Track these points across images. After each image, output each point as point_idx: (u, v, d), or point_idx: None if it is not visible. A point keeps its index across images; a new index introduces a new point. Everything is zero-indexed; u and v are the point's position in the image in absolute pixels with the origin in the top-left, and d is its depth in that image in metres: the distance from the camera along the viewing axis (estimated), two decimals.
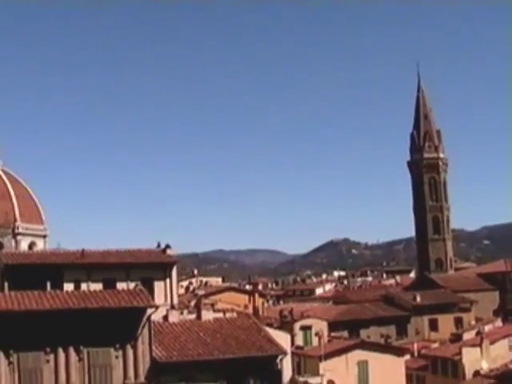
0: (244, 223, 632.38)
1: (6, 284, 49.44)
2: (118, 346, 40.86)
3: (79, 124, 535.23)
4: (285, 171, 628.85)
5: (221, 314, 48.55)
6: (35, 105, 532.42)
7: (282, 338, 47.42)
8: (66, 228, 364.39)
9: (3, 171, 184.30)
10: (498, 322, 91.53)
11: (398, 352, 69.01)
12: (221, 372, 42.72)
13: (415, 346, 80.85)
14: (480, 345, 69.41)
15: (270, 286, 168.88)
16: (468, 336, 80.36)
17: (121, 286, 50.22)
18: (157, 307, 42.54)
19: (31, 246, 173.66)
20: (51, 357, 39.95)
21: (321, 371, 60.04)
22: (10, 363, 39.36)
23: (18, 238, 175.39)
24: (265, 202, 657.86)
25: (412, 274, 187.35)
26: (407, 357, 73.93)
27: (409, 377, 69.71)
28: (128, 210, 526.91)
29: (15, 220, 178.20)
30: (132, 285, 50.36)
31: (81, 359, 40.36)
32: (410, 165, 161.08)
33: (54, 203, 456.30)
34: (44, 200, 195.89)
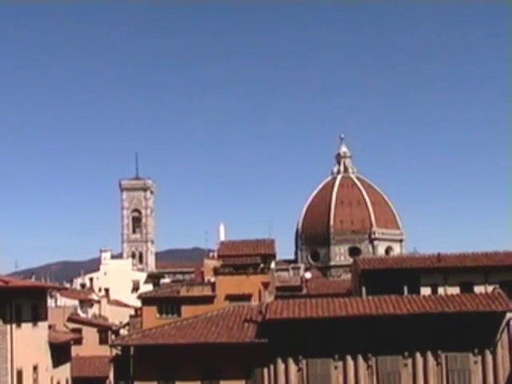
0: None
1: (363, 289, 50.45)
2: (476, 351, 39.83)
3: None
4: None
5: None
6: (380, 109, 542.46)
7: None
8: (421, 232, 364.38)
9: (358, 178, 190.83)
10: None
11: None
12: None
13: None
14: None
15: None
16: None
17: (478, 289, 48.87)
18: None
19: (388, 250, 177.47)
20: (409, 361, 40.10)
21: None
22: (368, 367, 40.24)
23: (375, 243, 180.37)
24: None
25: None
26: None
27: None
28: (480, 211, 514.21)
29: (371, 226, 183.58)
30: (490, 288, 48.84)
31: (439, 364, 39.98)
32: None
33: (409, 207, 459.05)
34: (399, 205, 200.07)
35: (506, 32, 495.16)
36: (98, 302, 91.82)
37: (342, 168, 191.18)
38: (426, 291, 49.64)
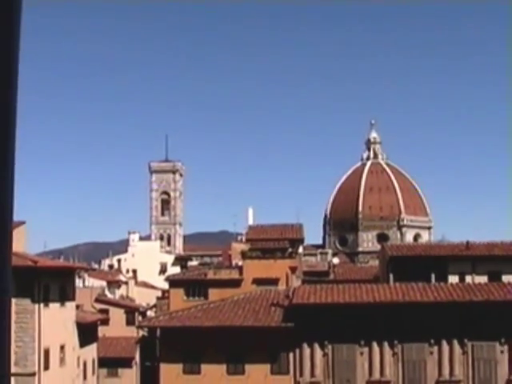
0: None
1: (390, 275, 50.29)
2: (503, 340, 39.59)
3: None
4: None
5: None
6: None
7: None
8: (450, 219, 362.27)
9: (387, 164, 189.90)
10: None
11: None
12: None
13: None
14: None
15: None
16: None
17: (507, 278, 48.43)
18: None
19: (416, 237, 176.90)
20: (435, 349, 40.00)
21: None
22: (394, 354, 40.19)
23: (403, 229, 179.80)
24: None
25: None
26: None
27: None
28: (509, 199, 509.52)
29: (400, 212, 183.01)
30: None
31: (465, 352, 39.84)
32: None
33: (438, 194, 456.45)
34: (428, 191, 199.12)
35: None
36: (126, 283, 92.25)
37: (371, 154, 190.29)
38: (453, 279, 49.41)
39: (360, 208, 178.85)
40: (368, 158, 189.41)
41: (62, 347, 47.62)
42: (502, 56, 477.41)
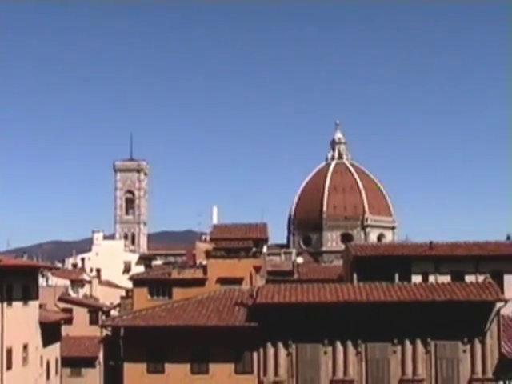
0: None
1: (354, 275, 50.55)
2: (465, 339, 39.99)
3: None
4: None
5: None
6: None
7: None
8: (414, 220, 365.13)
9: (352, 165, 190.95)
10: None
11: None
12: None
13: None
14: None
15: None
16: None
17: (469, 278, 48.96)
18: (506, 301, 40.89)
19: (380, 237, 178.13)
20: (398, 348, 40.26)
21: None
22: (357, 353, 40.40)
23: (367, 229, 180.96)
24: None
25: None
26: None
27: None
28: (472, 201, 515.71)
29: (364, 212, 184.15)
30: (481, 278, 48.96)
31: (428, 351, 40.16)
32: None
33: (402, 195, 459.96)
34: (392, 192, 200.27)
35: None
36: (90, 282, 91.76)
37: (336, 154, 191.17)
38: (417, 279, 49.77)
39: (324, 208, 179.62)
40: (333, 158, 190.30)
41: (25, 346, 47.26)
42: (463, 57, 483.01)
